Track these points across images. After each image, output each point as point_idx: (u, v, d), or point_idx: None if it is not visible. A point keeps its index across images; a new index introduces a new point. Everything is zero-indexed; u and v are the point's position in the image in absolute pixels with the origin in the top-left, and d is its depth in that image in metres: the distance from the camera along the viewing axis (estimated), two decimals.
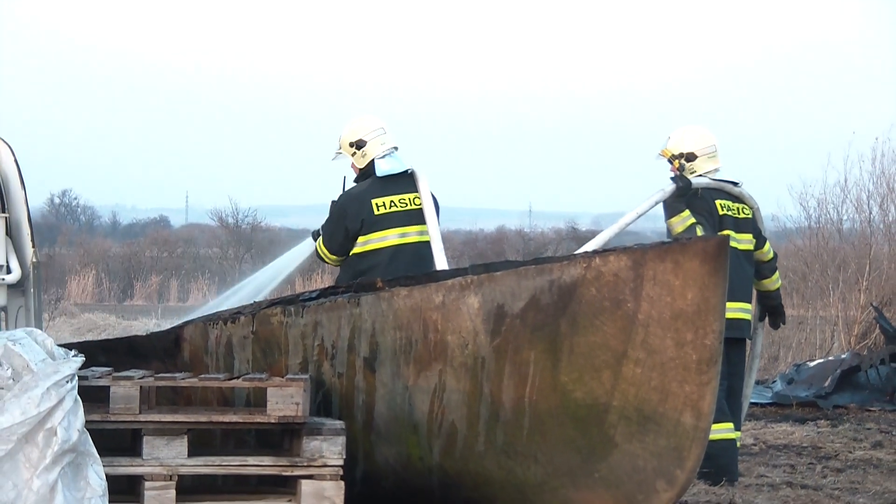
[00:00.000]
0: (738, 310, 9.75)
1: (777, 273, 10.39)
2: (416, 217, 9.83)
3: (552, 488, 6.18)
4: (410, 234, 9.78)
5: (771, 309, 10.43)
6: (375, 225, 9.64)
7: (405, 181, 9.85)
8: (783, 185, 21.68)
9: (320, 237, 9.94)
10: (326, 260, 9.87)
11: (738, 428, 10.06)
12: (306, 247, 10.60)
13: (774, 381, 16.23)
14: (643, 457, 5.91)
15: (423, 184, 9.86)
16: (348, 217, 9.66)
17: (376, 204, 9.67)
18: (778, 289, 10.41)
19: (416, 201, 9.83)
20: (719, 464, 9.47)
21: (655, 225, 10.41)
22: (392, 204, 9.75)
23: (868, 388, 15.41)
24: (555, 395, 6.00)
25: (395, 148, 9.96)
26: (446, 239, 10.41)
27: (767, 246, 10.21)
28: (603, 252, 6.14)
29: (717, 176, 10.02)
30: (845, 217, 21.40)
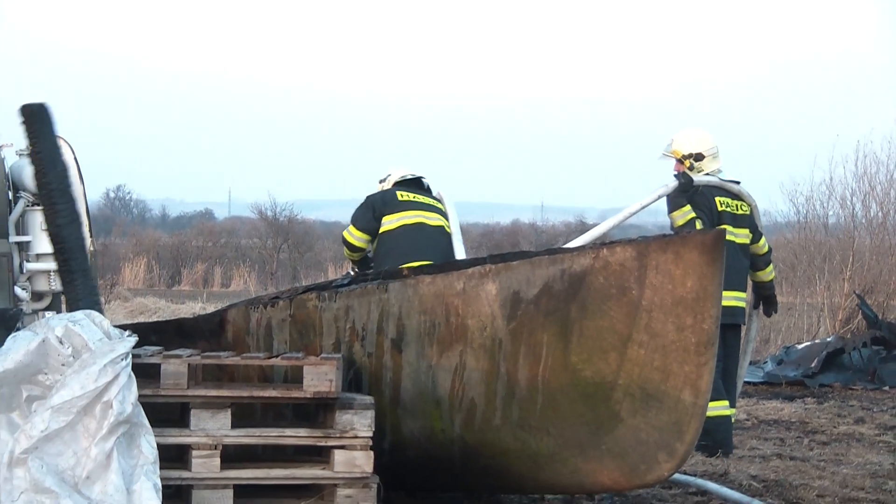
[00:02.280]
0: (734, 298, 9.76)
1: (771, 266, 10.40)
2: (436, 210, 10.04)
3: (563, 458, 6.18)
4: (430, 218, 9.95)
5: (765, 298, 10.44)
6: (398, 206, 9.91)
7: (424, 191, 10.17)
8: (775, 184, 21.70)
9: (348, 228, 10.09)
10: (353, 240, 9.96)
11: (732, 405, 10.07)
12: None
13: (766, 362, 16.24)
14: (646, 430, 5.90)
15: (444, 195, 10.17)
16: (375, 202, 9.97)
17: (400, 194, 10.01)
18: (772, 280, 10.43)
19: (435, 203, 10.08)
20: (715, 438, 9.49)
21: (657, 219, 10.43)
22: (414, 196, 10.02)
23: (851, 368, 15.41)
24: (566, 373, 6.00)
25: (412, 175, 10.31)
26: (465, 231, 10.56)
27: (763, 241, 10.22)
28: (610, 243, 6.14)
29: (720, 175, 10.03)
30: (831, 213, 21.43)
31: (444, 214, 10.20)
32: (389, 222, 9.81)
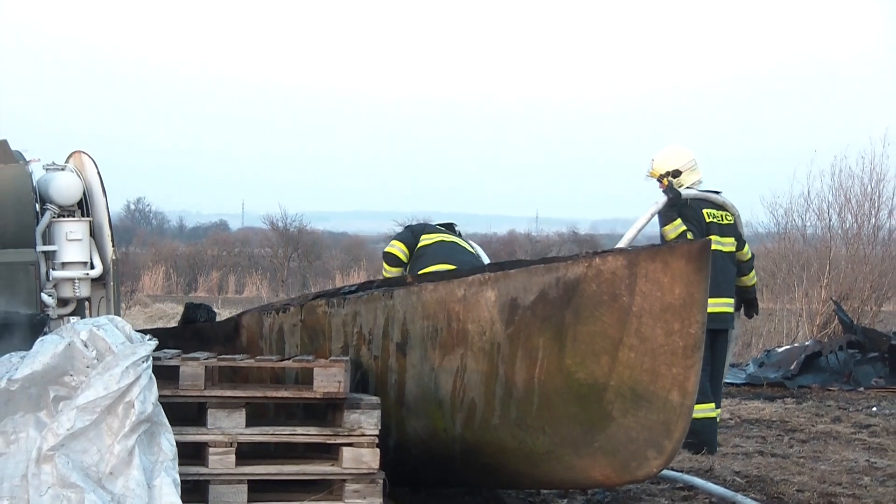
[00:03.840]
0: (722, 304, 9.78)
1: (754, 271, 10.45)
2: (467, 243, 10.09)
3: (558, 456, 6.17)
4: (463, 243, 9.98)
5: (747, 302, 10.47)
6: (432, 231, 9.90)
7: (454, 232, 10.25)
8: (756, 196, 21.71)
9: (390, 243, 10.19)
10: (392, 250, 10.01)
11: (718, 405, 10.08)
12: None
13: (747, 365, 16.25)
14: (636, 429, 5.89)
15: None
16: (414, 227, 9.96)
17: (435, 226, 9.99)
18: (754, 285, 10.47)
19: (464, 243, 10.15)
20: (701, 438, 9.50)
21: (646, 231, 10.45)
22: (446, 231, 10.02)
23: (828, 370, 15.43)
24: (560, 376, 5.99)
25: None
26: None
27: (746, 248, 10.24)
28: (602, 253, 6.14)
29: (701, 186, 10.04)
30: (808, 224, 21.44)
31: (469, 245, 10.27)
32: (427, 239, 9.87)
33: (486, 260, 10.13)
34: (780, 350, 16.42)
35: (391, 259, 9.97)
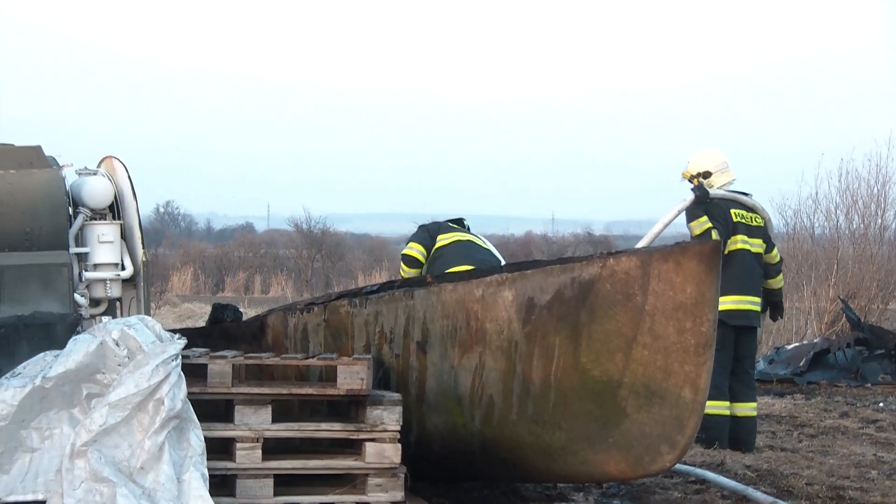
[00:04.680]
0: (749, 302, 9.75)
1: (781, 275, 10.33)
2: (480, 240, 10.07)
3: (574, 451, 6.17)
4: (479, 241, 9.97)
5: (773, 304, 10.37)
6: (451, 230, 9.87)
7: (466, 228, 10.22)
8: (765, 198, 21.66)
9: (407, 245, 10.16)
10: (415, 255, 9.98)
11: (753, 400, 10.00)
12: None
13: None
14: (650, 425, 5.89)
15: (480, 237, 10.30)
16: (430, 227, 9.93)
17: (449, 223, 9.95)
18: (781, 288, 10.36)
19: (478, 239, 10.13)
20: (712, 434, 9.46)
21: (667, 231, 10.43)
22: (459, 229, 9.98)
23: (836, 367, 15.40)
24: (576, 373, 5.99)
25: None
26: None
27: (775, 251, 10.17)
28: (616, 253, 6.13)
29: (733, 187, 10.02)
30: (816, 224, 21.40)
31: (484, 243, 10.26)
32: (444, 239, 9.85)
33: (496, 252, 10.13)
34: (790, 347, 16.39)
35: (409, 261, 9.96)
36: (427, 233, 10.00)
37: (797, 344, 16.65)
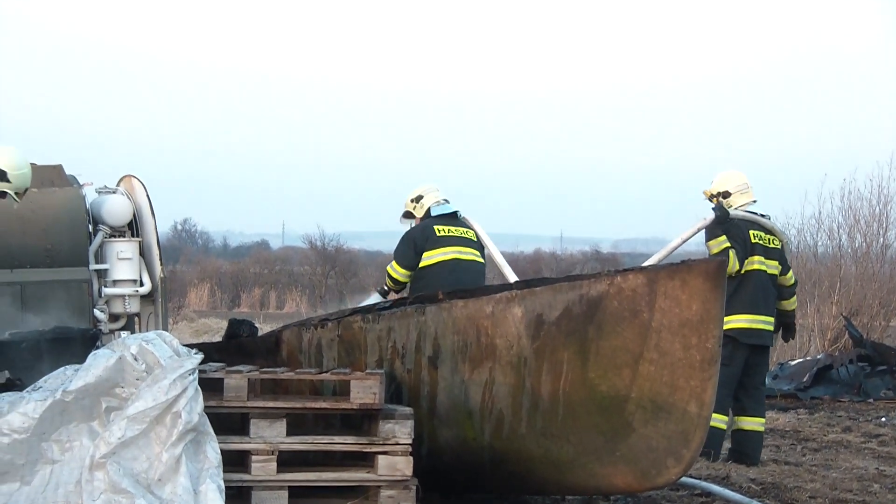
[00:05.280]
0: (763, 322, 9.74)
1: (795, 297, 10.31)
2: (470, 243, 10.07)
3: (581, 464, 6.16)
4: (466, 253, 9.99)
5: (785, 325, 10.33)
6: (437, 243, 9.91)
7: (458, 221, 10.16)
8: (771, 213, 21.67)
9: (392, 263, 10.11)
10: (396, 276, 10.01)
11: (761, 416, 9.97)
12: (372, 300, 10.79)
13: None
14: (656, 439, 5.88)
15: (474, 223, 10.13)
16: (416, 239, 9.94)
17: (437, 229, 9.98)
18: (794, 310, 10.33)
19: (469, 234, 10.09)
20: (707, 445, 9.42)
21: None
22: (450, 231, 10.01)
23: (839, 382, 15.34)
24: (584, 388, 5.99)
25: (446, 200, 10.26)
26: (491, 260, 10.56)
27: (790, 274, 10.16)
28: (623, 271, 6.13)
29: (753, 208, 10.02)
30: (819, 243, 21.40)
31: (476, 245, 10.21)
32: (429, 258, 9.83)
33: (486, 240, 10.11)
34: (793, 363, 16.36)
35: (394, 281, 10.01)
36: (413, 249, 9.94)
37: (801, 360, 16.62)
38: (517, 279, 9.71)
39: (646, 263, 9.84)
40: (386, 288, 10.31)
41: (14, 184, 8.47)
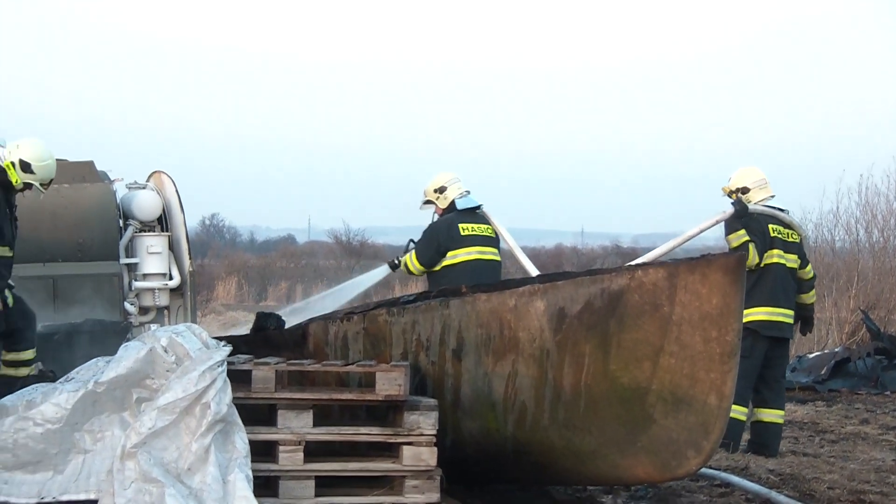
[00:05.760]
0: (782, 315, 9.73)
1: (814, 290, 10.32)
2: (491, 242, 10.09)
3: (603, 455, 6.15)
4: (487, 252, 10.02)
5: (804, 318, 10.32)
6: (462, 242, 9.91)
7: (479, 217, 10.17)
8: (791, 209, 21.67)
9: (410, 253, 10.13)
10: (413, 271, 10.04)
11: (781, 408, 9.95)
12: (380, 272, 10.81)
13: None
14: (676, 430, 5.87)
15: (493, 219, 10.16)
16: (441, 236, 9.93)
17: (462, 227, 9.96)
18: (813, 303, 10.33)
19: (489, 231, 10.11)
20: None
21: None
22: (473, 229, 10.02)
23: (857, 375, 15.31)
24: (605, 380, 5.98)
25: (468, 192, 10.27)
26: (513, 255, 10.56)
27: (809, 268, 10.16)
28: (644, 265, 6.13)
29: (772, 203, 10.01)
30: (837, 238, 21.37)
31: (496, 242, 10.23)
32: (453, 257, 9.86)
33: (506, 236, 10.12)
34: (811, 356, 16.31)
35: (409, 273, 10.03)
36: (436, 249, 9.92)
37: (819, 353, 16.57)
38: (539, 273, 9.73)
39: (662, 248, 9.92)
40: (397, 262, 10.37)
41: (39, 175, 8.51)
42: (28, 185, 8.49)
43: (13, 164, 8.38)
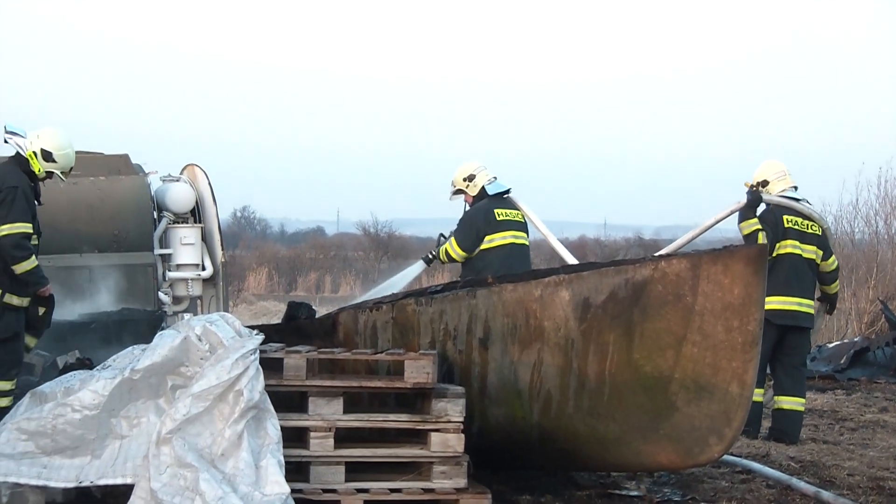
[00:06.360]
0: (796, 304, 9.69)
1: (837, 282, 10.28)
2: (522, 227, 10.14)
3: (627, 442, 6.15)
4: (520, 237, 10.08)
5: (830, 304, 10.37)
6: (499, 227, 9.99)
7: (509, 202, 10.20)
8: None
9: (450, 240, 10.14)
10: (455, 257, 10.03)
11: (801, 395, 9.92)
12: (416, 268, 10.82)
13: None
14: (699, 418, 5.86)
15: (522, 205, 10.17)
16: (479, 221, 9.99)
17: (497, 212, 10.04)
18: (836, 293, 10.32)
19: (519, 216, 10.14)
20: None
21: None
22: (507, 214, 10.08)
23: (876, 364, 15.22)
24: (629, 368, 5.98)
25: (495, 177, 10.29)
26: (539, 246, 10.62)
27: (832, 259, 10.10)
28: (667, 256, 6.12)
29: (795, 194, 10.00)
30: (857, 230, 21.29)
31: (525, 227, 10.27)
32: (490, 241, 9.91)
33: (536, 221, 10.23)
34: (831, 346, 16.24)
35: (450, 259, 10.03)
36: (476, 234, 9.97)
37: (838, 342, 16.50)
38: (575, 261, 9.83)
39: (681, 240, 9.94)
40: (431, 256, 10.39)
41: (60, 164, 8.53)
42: (49, 174, 8.51)
43: (35, 153, 8.40)
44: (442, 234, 10.51)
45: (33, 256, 8.05)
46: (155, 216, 13.62)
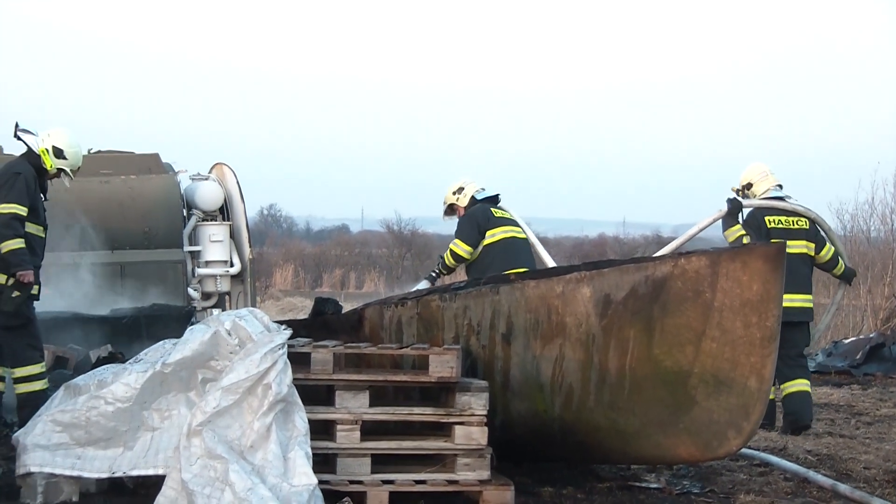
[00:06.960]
0: (789, 299, 9.67)
1: (840, 265, 10.25)
2: (516, 224, 10.13)
3: (646, 435, 6.15)
4: (517, 231, 10.09)
5: (845, 281, 10.46)
6: (497, 222, 10.02)
7: (501, 207, 10.23)
8: (824, 203, 21.56)
9: (453, 242, 10.13)
10: (462, 254, 10.00)
11: (801, 378, 9.92)
12: (422, 287, 10.87)
13: (817, 354, 16.02)
14: (717, 412, 5.85)
15: (513, 211, 10.35)
16: (479, 219, 9.99)
17: (493, 211, 10.03)
18: (843, 272, 10.32)
19: (513, 217, 10.18)
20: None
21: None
22: (502, 213, 10.09)
23: (891, 360, 15.18)
24: (649, 363, 5.97)
25: (483, 188, 10.35)
26: (558, 244, 10.77)
27: (825, 250, 10.09)
28: (687, 254, 6.12)
29: (778, 192, 10.01)
30: (873, 228, 21.22)
31: (520, 226, 10.30)
32: (491, 236, 9.90)
33: (524, 227, 10.24)
34: (847, 341, 16.20)
35: (457, 258, 10.02)
36: (477, 230, 9.99)
37: (854, 338, 16.46)
38: (554, 264, 9.90)
39: (665, 249, 9.97)
40: (435, 274, 10.40)
41: (70, 161, 8.69)
42: (59, 172, 8.64)
43: (47, 150, 8.55)
44: (441, 256, 10.54)
45: (20, 238, 8.22)
46: (184, 214, 13.69)
